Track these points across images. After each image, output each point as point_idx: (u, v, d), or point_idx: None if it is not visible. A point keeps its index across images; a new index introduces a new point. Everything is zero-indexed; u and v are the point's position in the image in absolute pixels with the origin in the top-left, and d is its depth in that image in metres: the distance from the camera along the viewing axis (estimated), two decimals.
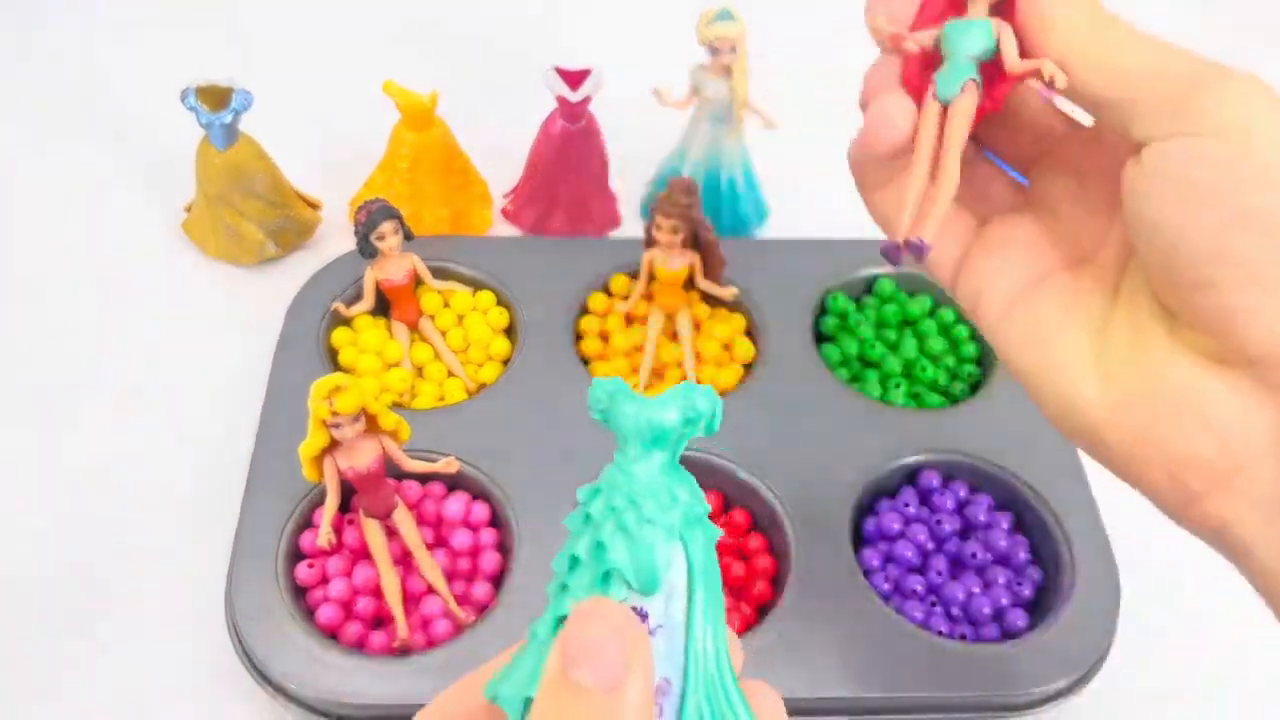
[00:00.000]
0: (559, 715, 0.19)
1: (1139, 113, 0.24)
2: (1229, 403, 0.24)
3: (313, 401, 0.40)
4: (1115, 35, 0.25)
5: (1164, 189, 0.24)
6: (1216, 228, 0.23)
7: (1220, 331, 0.24)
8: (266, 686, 0.41)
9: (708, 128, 0.59)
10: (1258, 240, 0.23)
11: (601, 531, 0.20)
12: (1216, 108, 0.23)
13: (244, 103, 0.54)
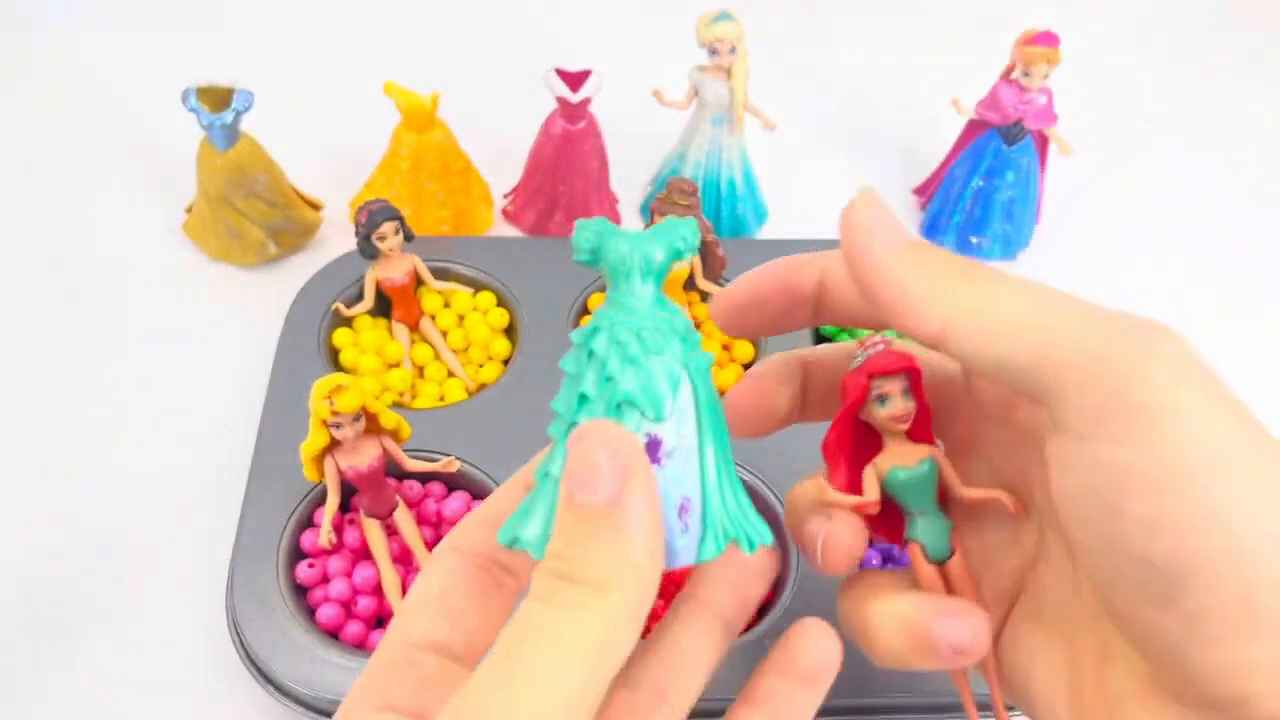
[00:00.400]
0: (571, 541, 0.19)
1: (1047, 386, 0.20)
2: None
3: (313, 401, 0.40)
4: (999, 288, 0.20)
5: (1088, 510, 0.20)
6: (1154, 573, 0.19)
7: (1174, 674, 0.20)
8: (267, 686, 0.41)
9: (707, 129, 0.59)
10: (1207, 591, 0.18)
11: (608, 366, 0.21)
12: (1145, 405, 0.19)
13: (245, 103, 0.54)
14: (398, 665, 0.22)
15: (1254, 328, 0.61)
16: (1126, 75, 0.77)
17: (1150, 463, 0.18)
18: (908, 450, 0.26)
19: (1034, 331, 0.19)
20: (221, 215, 0.57)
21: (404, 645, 0.22)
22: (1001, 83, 0.58)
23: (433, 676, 0.22)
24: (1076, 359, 0.19)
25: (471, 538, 0.24)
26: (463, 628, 0.23)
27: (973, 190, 0.61)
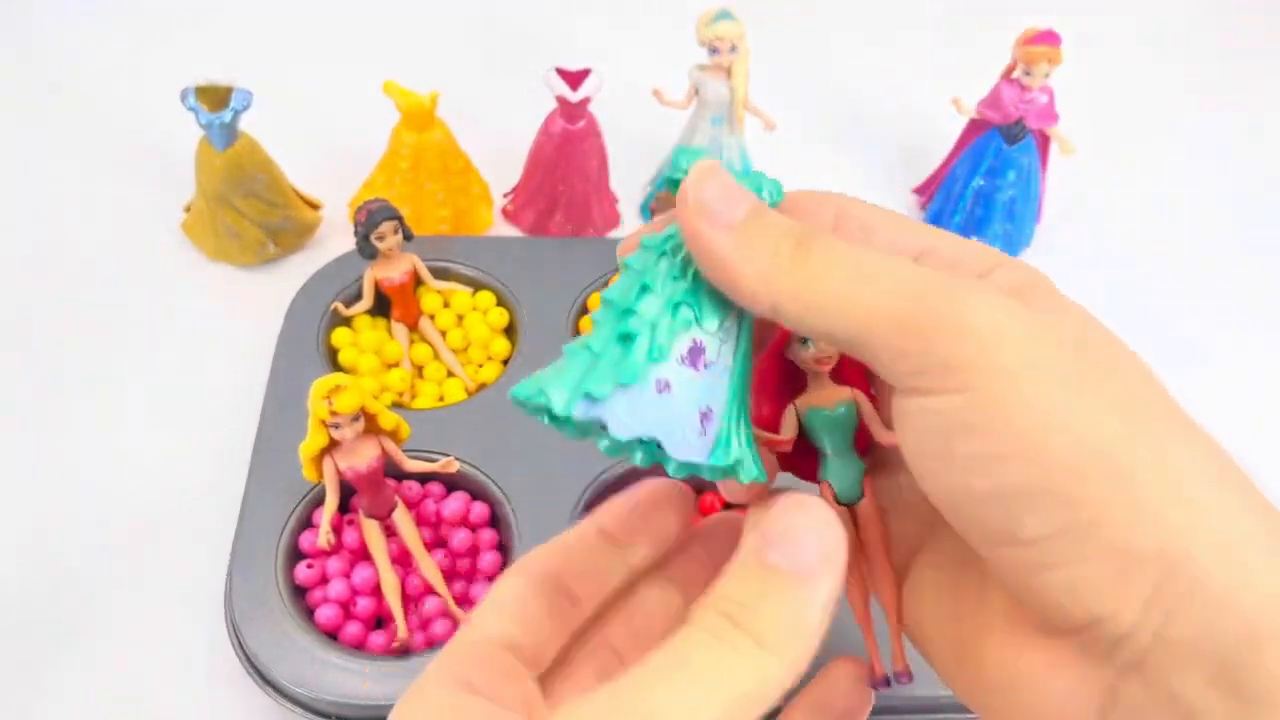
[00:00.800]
0: (748, 591, 0.19)
1: (874, 354, 0.20)
2: (1051, 687, 0.20)
3: (312, 401, 0.40)
4: (821, 265, 0.21)
5: (927, 461, 0.21)
6: (990, 509, 0.20)
7: (1029, 604, 0.20)
8: (266, 687, 0.41)
9: (707, 128, 0.59)
10: (1036, 517, 0.19)
11: (679, 267, 0.22)
12: (950, 354, 0.19)
13: (243, 102, 0.54)
14: (473, 655, 0.23)
15: (1256, 325, 0.61)
16: (1128, 74, 0.77)
17: (967, 408, 0.19)
18: (828, 392, 0.26)
19: (849, 307, 0.20)
20: (220, 215, 0.57)
21: (478, 640, 0.23)
22: (1003, 82, 0.58)
23: (508, 670, 0.23)
24: (887, 326, 0.20)
25: (540, 564, 0.24)
26: (534, 635, 0.23)
27: (974, 190, 0.60)
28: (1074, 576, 0.19)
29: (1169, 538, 0.18)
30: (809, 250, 0.21)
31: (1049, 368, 0.19)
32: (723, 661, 0.19)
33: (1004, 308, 0.20)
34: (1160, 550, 0.18)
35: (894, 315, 0.20)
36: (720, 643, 0.19)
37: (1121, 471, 0.19)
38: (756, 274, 0.21)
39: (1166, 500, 0.19)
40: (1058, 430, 0.19)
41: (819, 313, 0.21)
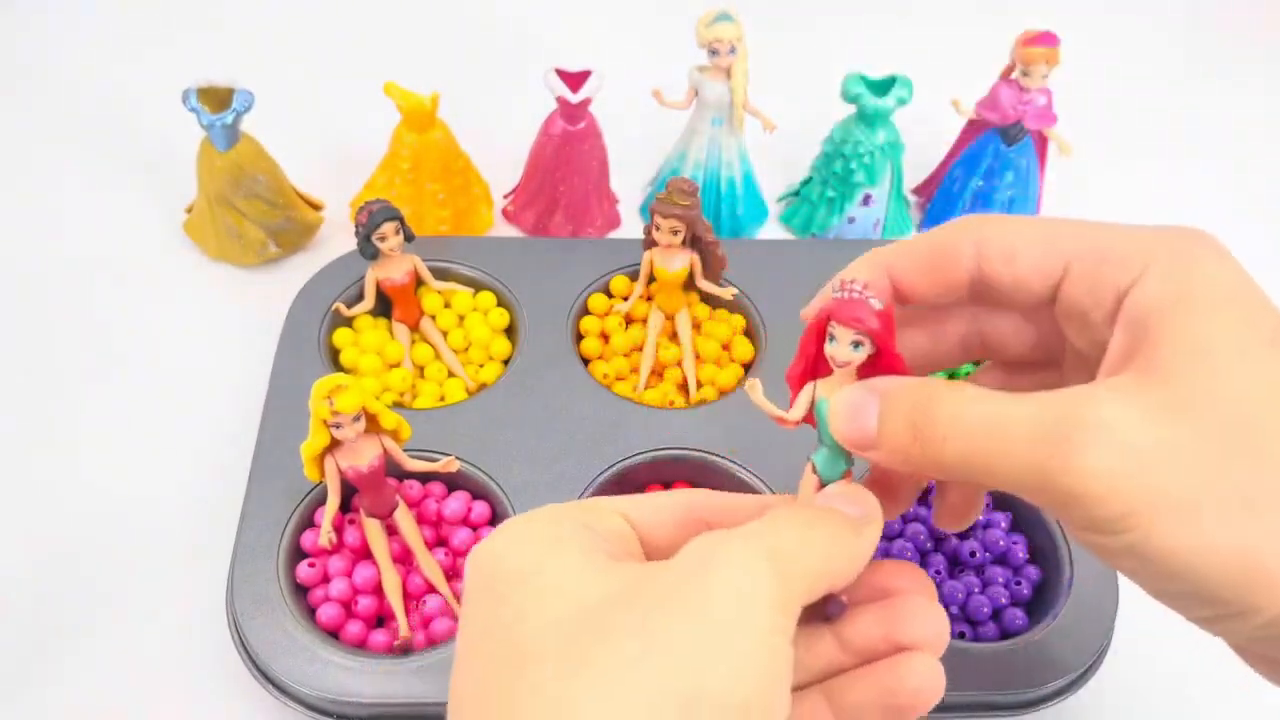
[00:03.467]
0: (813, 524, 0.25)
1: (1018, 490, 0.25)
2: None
3: (313, 401, 0.40)
4: (951, 445, 0.25)
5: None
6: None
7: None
8: (268, 685, 0.41)
9: (707, 129, 0.59)
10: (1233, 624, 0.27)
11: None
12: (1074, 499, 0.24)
13: (245, 104, 0.54)
14: (595, 509, 0.27)
15: None
16: (1127, 76, 0.77)
17: (1111, 541, 0.24)
18: (847, 379, 0.28)
19: (980, 475, 0.25)
20: (222, 215, 0.57)
21: (606, 507, 0.27)
22: (1001, 83, 0.58)
23: (623, 533, 0.27)
24: (1022, 486, 0.25)
25: (699, 501, 0.29)
26: (659, 534, 0.27)
27: (972, 190, 0.61)
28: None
29: None
30: (923, 431, 0.25)
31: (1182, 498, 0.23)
32: (803, 531, 0.25)
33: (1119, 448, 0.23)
34: None
35: (1022, 484, 0.24)
36: (800, 520, 0.25)
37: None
38: (904, 460, 0.26)
39: None
40: (1215, 560, 0.23)
41: (961, 474, 0.25)
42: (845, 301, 0.27)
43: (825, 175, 0.61)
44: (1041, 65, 0.55)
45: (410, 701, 0.40)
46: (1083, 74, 0.64)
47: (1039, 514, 0.47)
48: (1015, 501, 0.48)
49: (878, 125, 0.58)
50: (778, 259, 0.57)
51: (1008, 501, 0.48)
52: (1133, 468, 0.23)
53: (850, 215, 0.62)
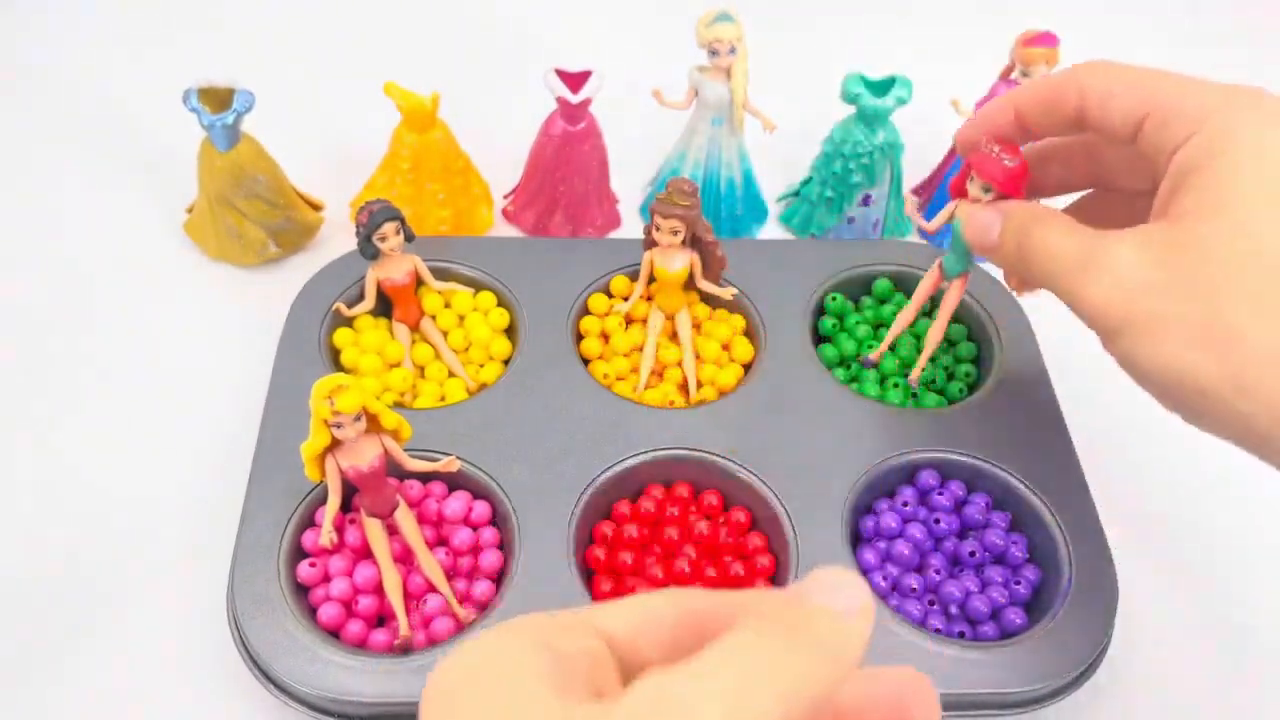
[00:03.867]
0: (792, 613, 0.20)
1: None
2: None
3: (314, 401, 0.40)
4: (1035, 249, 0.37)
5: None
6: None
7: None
8: (268, 685, 0.41)
9: (707, 129, 0.59)
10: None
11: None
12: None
13: (246, 104, 0.54)
14: (565, 624, 0.22)
15: None
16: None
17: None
18: (978, 196, 0.42)
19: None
20: (222, 215, 0.58)
21: (580, 620, 0.23)
22: (1000, 83, 0.58)
23: (596, 655, 0.22)
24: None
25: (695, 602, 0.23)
26: (645, 647, 0.23)
27: None
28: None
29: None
30: (1022, 246, 0.37)
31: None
32: (771, 653, 0.20)
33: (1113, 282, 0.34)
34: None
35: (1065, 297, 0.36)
36: (767, 639, 0.20)
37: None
38: (1010, 263, 0.39)
39: None
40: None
41: (1039, 281, 0.37)
42: (985, 158, 0.41)
43: (824, 175, 0.61)
44: (1041, 65, 0.55)
45: (410, 701, 0.40)
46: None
47: (1039, 514, 0.47)
48: (1015, 502, 0.48)
49: (877, 125, 0.58)
50: (777, 259, 0.57)
51: (1007, 502, 0.48)
52: (1120, 298, 0.33)
53: (849, 215, 0.62)
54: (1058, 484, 0.47)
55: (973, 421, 0.50)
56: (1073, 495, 0.47)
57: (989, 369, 0.53)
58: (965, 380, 0.53)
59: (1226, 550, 0.51)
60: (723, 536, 0.47)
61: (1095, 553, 0.45)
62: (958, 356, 0.54)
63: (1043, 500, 0.47)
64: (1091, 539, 0.45)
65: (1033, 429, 0.49)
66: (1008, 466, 0.48)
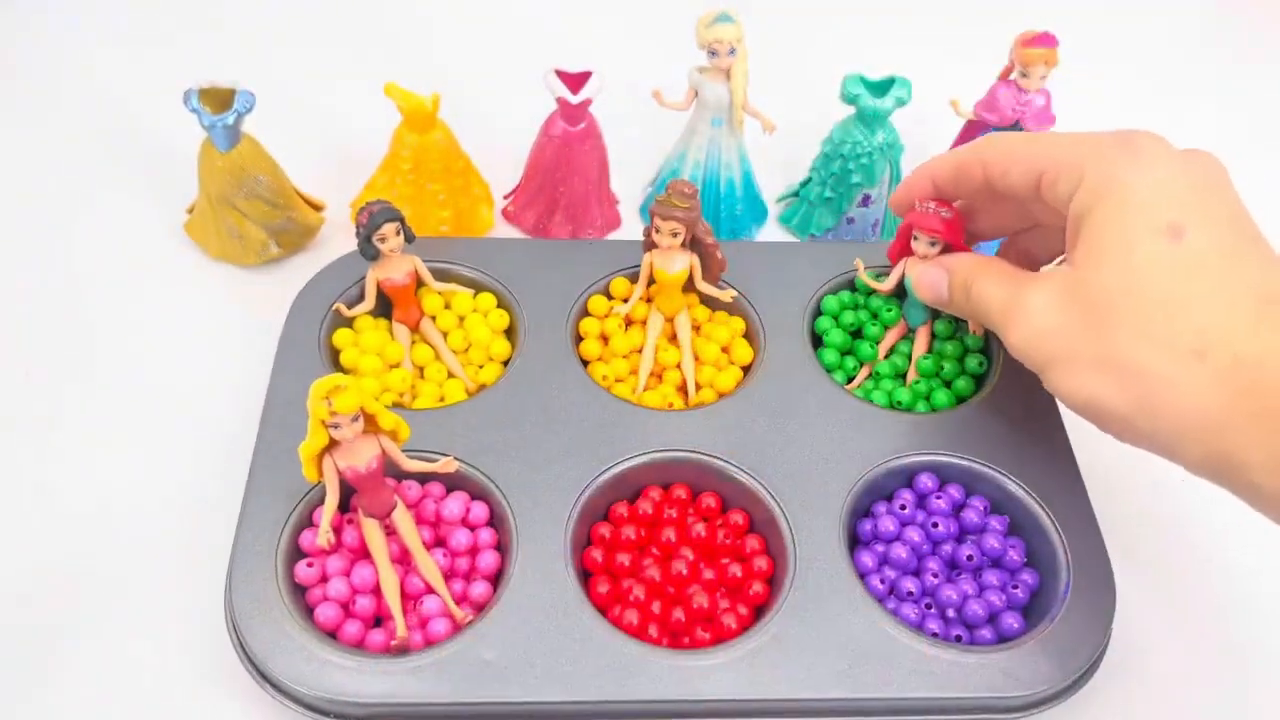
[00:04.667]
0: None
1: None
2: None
3: (312, 401, 0.40)
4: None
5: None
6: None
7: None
8: (265, 685, 0.41)
9: (707, 130, 0.59)
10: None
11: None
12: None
13: (246, 104, 0.54)
14: None
15: None
16: (1127, 77, 0.77)
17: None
18: (924, 253, 0.48)
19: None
20: (223, 216, 0.58)
21: None
22: (1000, 83, 0.58)
23: None
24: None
25: None
26: None
27: None
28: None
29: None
30: (969, 295, 0.44)
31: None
32: None
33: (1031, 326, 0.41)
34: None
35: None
36: None
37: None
38: (961, 311, 0.47)
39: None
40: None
41: (986, 325, 0.45)
42: (923, 216, 0.47)
43: (824, 176, 0.61)
44: (1040, 66, 0.55)
45: (408, 702, 0.40)
46: (1083, 75, 0.64)
47: (1036, 518, 0.47)
48: (1013, 506, 0.48)
49: (876, 126, 0.58)
50: (777, 261, 0.57)
51: (1005, 506, 0.48)
52: (1036, 339, 0.39)
53: (849, 216, 0.62)
54: (1056, 488, 0.47)
55: (971, 425, 0.50)
56: (1071, 499, 0.47)
57: (991, 368, 0.53)
58: (978, 369, 0.52)
59: (1225, 555, 0.51)
60: (721, 538, 0.47)
61: (1093, 557, 0.45)
62: (966, 346, 0.53)
63: (1040, 504, 0.47)
64: (1089, 543, 0.45)
65: (1031, 432, 0.49)
66: (1006, 470, 0.48)
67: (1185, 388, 0.34)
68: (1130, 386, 0.35)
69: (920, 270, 0.47)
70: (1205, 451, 0.35)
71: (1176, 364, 0.34)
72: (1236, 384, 0.34)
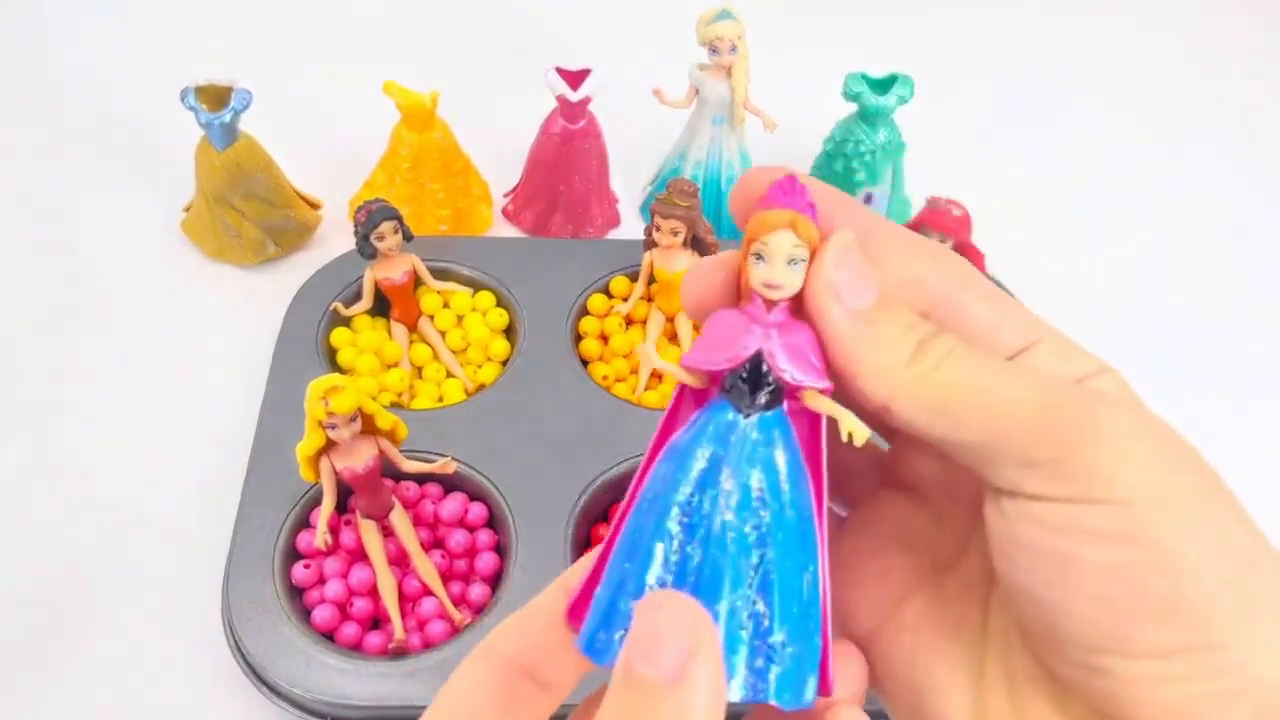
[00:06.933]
0: (623, 713, 0.18)
1: (992, 459, 0.20)
2: None
3: (309, 402, 0.40)
4: (945, 371, 0.21)
5: (1039, 561, 0.20)
6: (1108, 616, 0.19)
7: (1115, 716, 0.20)
8: (262, 687, 0.41)
9: (708, 128, 0.59)
10: (1160, 630, 0.19)
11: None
12: (1093, 465, 0.19)
13: (243, 102, 0.54)
14: None
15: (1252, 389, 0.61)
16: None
17: (1110, 518, 0.19)
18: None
19: (974, 413, 0.20)
20: (220, 214, 0.57)
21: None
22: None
23: None
24: (1018, 434, 0.20)
25: (507, 643, 0.22)
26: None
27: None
28: (1184, 694, 0.19)
29: (1276, 667, 0.19)
30: (931, 350, 0.21)
31: (1183, 487, 0.20)
32: None
33: (1139, 419, 0.20)
34: (1267, 678, 0.19)
35: (1027, 423, 0.20)
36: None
37: (1250, 597, 0.19)
38: (874, 365, 0.21)
39: (1277, 629, 0.19)
40: (1197, 549, 0.19)
41: (940, 415, 0.20)
42: (933, 212, 0.45)
43: (826, 174, 0.61)
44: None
45: (405, 704, 0.40)
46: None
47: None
48: None
49: (879, 124, 0.58)
50: None
51: None
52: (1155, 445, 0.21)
53: None
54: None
55: None
56: None
57: None
58: None
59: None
60: None
61: None
62: None
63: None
64: None
65: None
66: None
67: None
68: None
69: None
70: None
71: None
72: None
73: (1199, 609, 0.19)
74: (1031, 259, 0.59)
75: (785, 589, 0.20)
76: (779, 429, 0.20)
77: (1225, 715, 0.19)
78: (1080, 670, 0.20)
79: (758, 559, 0.20)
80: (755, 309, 0.21)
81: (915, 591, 0.24)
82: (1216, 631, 0.19)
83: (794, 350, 0.20)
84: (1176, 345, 0.58)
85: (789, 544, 0.20)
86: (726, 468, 0.20)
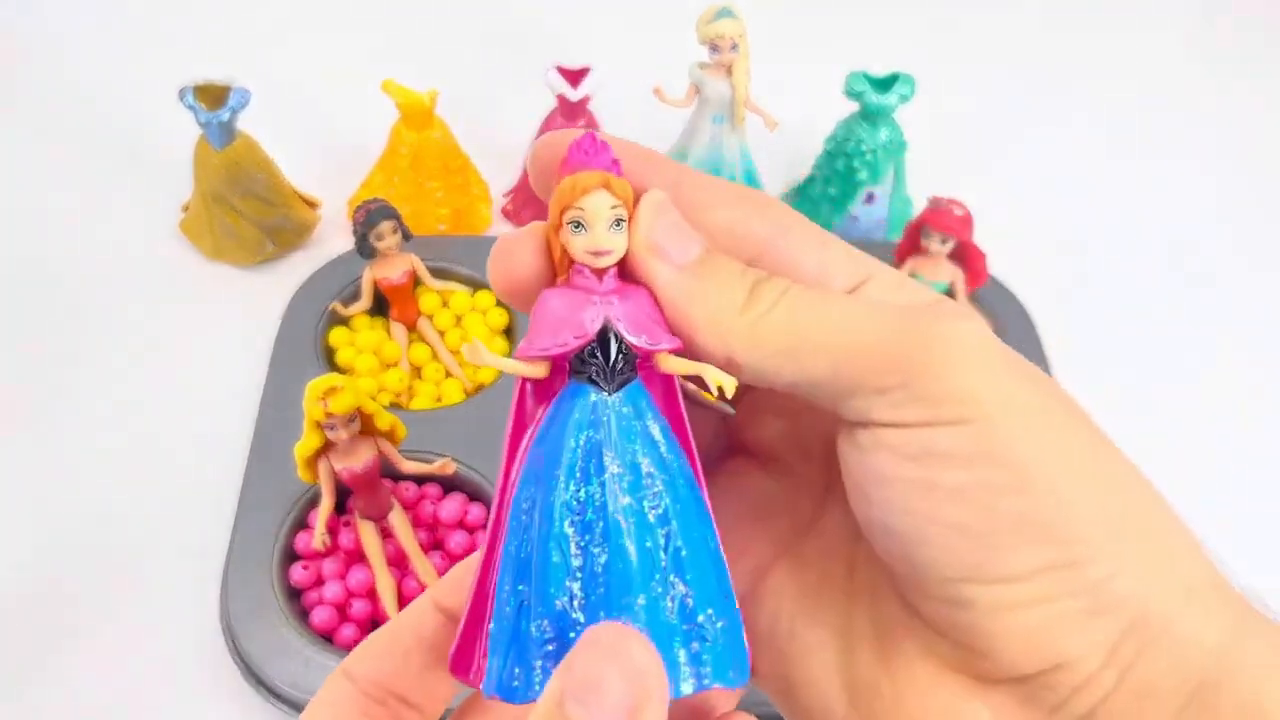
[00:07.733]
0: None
1: (842, 393, 0.19)
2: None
3: (307, 402, 0.39)
4: (781, 311, 0.20)
5: (894, 491, 0.19)
6: (966, 542, 0.18)
7: (981, 649, 0.19)
8: (260, 689, 0.41)
9: (708, 127, 0.59)
10: (1018, 552, 0.18)
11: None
12: (943, 385, 0.18)
13: (241, 101, 0.53)
14: None
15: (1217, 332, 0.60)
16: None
17: (963, 438, 0.18)
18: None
19: (821, 349, 0.19)
20: (218, 214, 0.57)
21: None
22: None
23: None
24: (862, 364, 0.19)
25: (369, 664, 0.21)
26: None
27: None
28: (1045, 616, 0.18)
29: (1143, 584, 0.18)
30: (763, 294, 0.20)
31: (1038, 405, 0.19)
32: None
33: (987, 337, 0.19)
34: (1134, 595, 0.18)
35: (873, 350, 0.19)
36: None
37: (1114, 515, 0.18)
38: (708, 319, 0.20)
39: (1146, 547, 0.18)
40: (1056, 466, 0.18)
41: (785, 358, 0.19)
42: (935, 212, 0.43)
43: (827, 173, 0.60)
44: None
45: None
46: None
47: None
48: None
49: (880, 123, 0.57)
50: None
51: None
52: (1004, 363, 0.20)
53: (853, 213, 0.61)
54: None
55: None
56: None
57: None
58: None
59: (1221, 559, 0.50)
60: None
61: None
62: None
63: None
64: None
65: None
66: None
67: None
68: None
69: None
70: None
71: None
72: None
73: (1058, 526, 0.18)
74: (1033, 259, 0.59)
75: (696, 563, 0.19)
76: (644, 399, 0.19)
77: (1087, 634, 0.18)
78: (943, 605, 0.19)
79: (664, 539, 0.18)
80: (585, 280, 0.19)
81: (777, 560, 0.23)
82: (1077, 548, 0.18)
83: (637, 316, 0.19)
84: (1176, 345, 0.58)
85: (688, 515, 0.19)
86: (608, 451, 0.18)
